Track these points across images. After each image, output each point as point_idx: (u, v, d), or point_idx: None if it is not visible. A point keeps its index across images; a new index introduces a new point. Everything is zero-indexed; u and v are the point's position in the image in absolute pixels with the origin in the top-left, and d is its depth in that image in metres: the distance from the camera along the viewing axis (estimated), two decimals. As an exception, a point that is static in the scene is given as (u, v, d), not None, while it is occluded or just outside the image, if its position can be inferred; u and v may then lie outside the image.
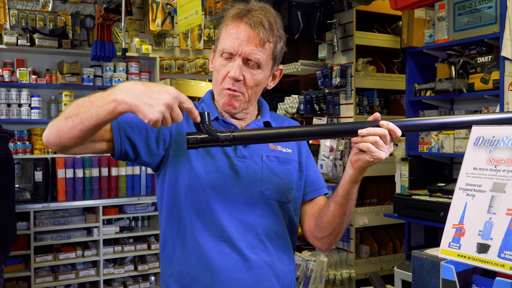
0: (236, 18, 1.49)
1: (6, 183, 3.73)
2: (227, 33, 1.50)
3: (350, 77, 4.43)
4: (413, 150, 4.08)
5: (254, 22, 1.47)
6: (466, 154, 1.30)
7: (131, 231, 5.09)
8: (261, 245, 1.53)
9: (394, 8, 3.46)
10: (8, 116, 4.74)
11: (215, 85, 1.56)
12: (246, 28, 1.47)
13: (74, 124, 1.29)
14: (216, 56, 1.55)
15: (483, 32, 3.51)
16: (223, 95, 1.53)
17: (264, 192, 1.54)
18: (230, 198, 1.50)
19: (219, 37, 1.53)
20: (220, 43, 1.52)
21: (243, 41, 1.47)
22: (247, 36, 1.47)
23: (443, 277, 1.21)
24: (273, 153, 1.60)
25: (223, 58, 1.50)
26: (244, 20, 1.48)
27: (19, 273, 4.57)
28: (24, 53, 4.93)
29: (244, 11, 1.49)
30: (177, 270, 1.52)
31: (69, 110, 1.31)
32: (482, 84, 3.48)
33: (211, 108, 1.59)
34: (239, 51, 1.47)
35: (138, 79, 5.27)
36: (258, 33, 1.47)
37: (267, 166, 1.57)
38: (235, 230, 1.49)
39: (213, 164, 1.51)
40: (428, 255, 1.26)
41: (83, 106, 1.28)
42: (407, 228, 4.01)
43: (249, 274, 1.49)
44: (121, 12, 4.39)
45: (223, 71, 1.50)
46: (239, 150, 1.55)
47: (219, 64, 1.51)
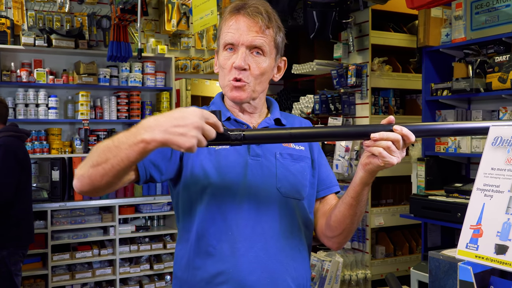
0: (233, 11, 1.51)
1: (23, 183, 3.77)
2: (227, 26, 1.52)
3: (365, 77, 4.40)
4: (429, 150, 4.05)
5: (252, 11, 1.49)
6: (484, 154, 1.29)
7: (147, 230, 5.11)
8: (277, 244, 1.52)
9: (410, 7, 3.44)
10: (25, 116, 4.79)
11: (222, 81, 1.56)
12: (245, 19, 1.49)
13: (105, 171, 1.27)
14: (220, 53, 1.56)
15: (501, 31, 3.47)
16: (230, 87, 1.53)
17: (279, 189, 1.54)
18: (245, 198, 1.50)
19: (220, 34, 1.55)
20: (221, 38, 1.53)
21: (243, 30, 1.49)
22: (247, 25, 1.49)
23: (461, 278, 1.20)
24: (286, 151, 1.60)
25: (227, 52, 1.52)
26: (241, 12, 1.50)
27: (36, 271, 4.62)
28: (42, 53, 4.98)
29: (240, 4, 1.51)
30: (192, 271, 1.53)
31: (95, 158, 1.28)
32: (500, 83, 3.45)
33: (221, 109, 1.59)
34: (241, 41, 1.49)
35: (154, 79, 5.30)
36: (257, 21, 1.49)
37: (281, 163, 1.56)
38: (251, 231, 1.49)
39: (227, 165, 1.50)
40: (445, 256, 1.25)
41: (110, 151, 1.25)
42: (424, 228, 3.98)
43: (264, 275, 1.48)
44: (137, 13, 4.41)
45: (228, 64, 1.51)
46: (252, 149, 1.54)
47: (224, 58, 1.52)
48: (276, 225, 1.52)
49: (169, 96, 5.36)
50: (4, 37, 4.68)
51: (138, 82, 5.21)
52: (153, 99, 5.51)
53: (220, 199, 1.49)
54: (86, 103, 4.95)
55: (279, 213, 1.53)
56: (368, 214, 4.48)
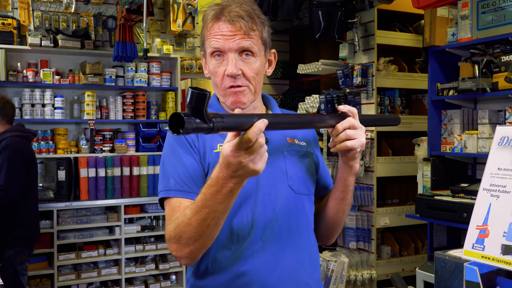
0: (214, 19, 1.49)
1: (30, 182, 3.79)
2: (211, 33, 1.49)
3: (371, 77, 4.40)
4: (435, 150, 4.04)
5: (232, 17, 1.47)
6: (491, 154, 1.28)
7: (152, 230, 5.12)
8: (294, 242, 1.53)
9: (416, 7, 3.43)
10: (32, 116, 4.81)
11: (216, 88, 1.55)
12: (227, 25, 1.47)
13: (214, 233, 1.35)
14: (208, 61, 1.54)
15: (508, 31, 3.45)
16: (228, 94, 1.52)
17: (291, 187, 1.55)
18: (259, 198, 1.50)
19: (204, 41, 1.53)
20: (207, 45, 1.52)
21: (228, 36, 1.47)
22: (230, 31, 1.47)
23: (467, 279, 1.19)
24: (292, 148, 1.61)
25: (215, 59, 1.50)
26: (222, 18, 1.48)
27: (42, 271, 4.63)
28: (48, 54, 5.00)
29: (219, 10, 1.49)
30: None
31: (195, 231, 1.33)
32: (506, 83, 3.43)
33: (220, 111, 1.55)
34: (227, 47, 1.47)
35: (159, 79, 5.31)
36: (240, 26, 1.47)
37: (290, 161, 1.58)
38: (269, 233, 1.49)
39: None
40: (451, 256, 1.25)
41: (209, 217, 1.30)
42: (429, 229, 3.97)
43: (284, 274, 1.49)
44: (142, 13, 4.42)
45: (220, 71, 1.50)
46: None
47: (214, 66, 1.51)
48: (292, 222, 1.53)
49: (174, 96, 5.37)
50: (10, 37, 4.70)
51: (143, 82, 5.22)
52: (159, 99, 5.52)
53: (237, 204, 1.47)
54: (92, 103, 4.96)
55: (293, 211, 1.54)
56: (374, 214, 4.47)
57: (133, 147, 5.18)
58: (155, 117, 5.30)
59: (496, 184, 1.24)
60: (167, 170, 1.50)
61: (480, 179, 1.28)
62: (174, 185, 1.46)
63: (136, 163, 5.07)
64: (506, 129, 1.27)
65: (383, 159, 4.56)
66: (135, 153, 5.15)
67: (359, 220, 4.55)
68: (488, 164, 1.28)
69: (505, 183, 1.22)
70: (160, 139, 5.23)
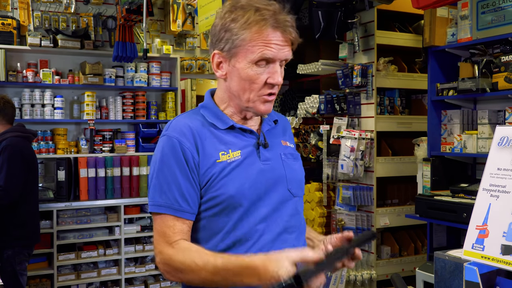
0: (267, 25, 1.45)
1: (30, 183, 3.79)
2: (261, 41, 1.45)
3: (371, 77, 4.40)
4: (435, 150, 4.04)
5: (285, 26, 1.47)
6: (490, 155, 1.28)
7: (152, 230, 5.12)
8: (294, 243, 1.56)
9: (416, 7, 3.43)
10: (31, 116, 4.81)
11: (245, 94, 1.50)
12: (279, 34, 1.46)
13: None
14: (244, 65, 1.48)
15: (507, 31, 3.45)
16: (261, 101, 1.51)
17: (290, 190, 1.58)
18: (264, 203, 1.52)
19: (246, 45, 1.46)
20: (253, 51, 1.45)
21: (281, 46, 1.47)
22: (282, 41, 1.47)
23: (467, 279, 1.19)
24: (287, 151, 1.64)
25: (258, 66, 1.47)
26: (274, 26, 1.46)
27: (42, 271, 4.63)
28: (47, 54, 4.99)
29: (270, 15, 1.45)
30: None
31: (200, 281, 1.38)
32: (506, 83, 3.43)
33: (221, 117, 1.56)
34: (278, 56, 1.47)
35: (159, 79, 5.30)
36: (290, 35, 1.48)
37: (287, 164, 1.60)
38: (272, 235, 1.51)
39: (247, 176, 1.50)
40: (451, 257, 1.25)
41: (220, 282, 1.36)
42: (429, 229, 3.97)
43: None
44: (142, 13, 4.42)
45: (261, 79, 1.48)
46: (262, 153, 1.56)
47: (255, 73, 1.47)
48: (293, 225, 1.57)
49: (174, 96, 5.37)
50: (10, 37, 4.70)
51: (143, 82, 5.22)
52: (159, 99, 5.52)
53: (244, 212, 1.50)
54: (91, 103, 4.96)
55: (291, 213, 1.57)
56: (374, 214, 4.47)
57: (133, 147, 5.18)
58: (155, 117, 5.30)
59: (495, 184, 1.24)
60: (159, 183, 1.48)
61: (480, 179, 1.28)
62: (165, 201, 1.46)
63: (136, 163, 5.07)
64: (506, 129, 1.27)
65: (383, 159, 4.56)
66: (135, 153, 5.15)
67: (359, 220, 4.55)
68: (488, 164, 1.28)
69: (505, 183, 1.22)
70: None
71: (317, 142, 4.85)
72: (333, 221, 4.68)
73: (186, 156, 1.47)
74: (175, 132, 1.49)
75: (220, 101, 1.59)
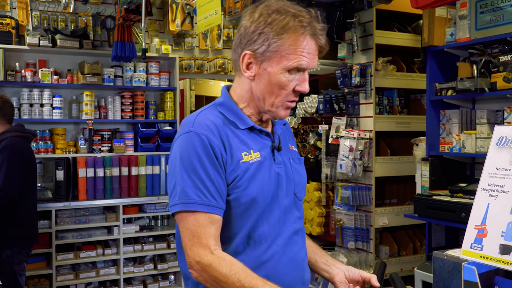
0: (306, 33, 1.46)
1: (29, 182, 3.78)
2: (299, 49, 1.45)
3: (370, 77, 4.40)
4: (434, 150, 4.04)
5: (320, 35, 1.49)
6: (489, 154, 1.28)
7: (151, 230, 5.12)
8: (300, 244, 1.61)
9: (415, 7, 3.43)
10: (30, 116, 4.80)
11: (270, 97, 1.51)
12: (313, 43, 1.49)
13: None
14: (275, 68, 1.47)
15: (506, 31, 3.46)
16: (283, 107, 1.53)
17: (296, 194, 1.62)
18: (277, 206, 1.54)
19: (279, 50, 1.45)
20: (288, 58, 1.45)
21: (314, 56, 1.49)
22: (315, 50, 1.50)
23: (465, 278, 1.19)
24: (293, 155, 1.66)
25: (290, 74, 1.47)
26: (311, 33, 1.47)
27: (40, 271, 4.63)
28: (46, 53, 4.99)
29: (307, 22, 1.46)
30: None
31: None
32: (505, 83, 3.44)
33: (241, 117, 1.55)
34: (310, 66, 1.49)
35: (158, 78, 5.30)
36: (321, 46, 1.51)
37: (295, 168, 1.63)
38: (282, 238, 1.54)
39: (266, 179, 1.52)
40: (450, 256, 1.25)
41: None
42: (428, 228, 3.97)
43: (297, 275, 1.58)
44: (141, 13, 4.42)
45: (291, 85, 1.49)
46: (276, 156, 1.58)
47: (287, 80, 1.47)
48: (297, 226, 1.61)
49: (173, 96, 5.37)
50: (9, 37, 4.70)
51: (142, 82, 5.22)
52: (157, 99, 5.52)
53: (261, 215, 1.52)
54: (90, 103, 4.96)
55: (296, 217, 1.61)
56: (372, 214, 4.48)
57: (132, 147, 5.18)
58: (154, 117, 5.30)
59: (494, 184, 1.24)
60: (190, 180, 1.44)
61: (479, 179, 1.28)
62: (201, 199, 1.42)
63: (135, 163, 5.07)
64: (505, 129, 1.28)
65: (381, 159, 4.56)
66: (134, 153, 5.15)
67: (357, 220, 4.55)
68: (487, 164, 1.28)
69: (503, 183, 1.22)
70: (158, 139, 5.22)
71: (316, 142, 4.85)
72: (332, 220, 4.68)
73: (216, 153, 1.45)
74: (202, 129, 1.46)
75: (239, 99, 1.57)
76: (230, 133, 1.50)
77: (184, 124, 1.51)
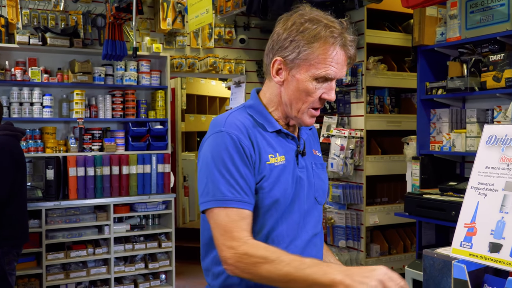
0: (336, 44, 1.48)
1: (19, 182, 3.76)
2: (328, 59, 1.48)
3: (361, 76, 4.41)
4: (424, 149, 4.06)
5: (350, 46, 1.51)
6: (479, 153, 1.29)
7: (141, 229, 5.11)
8: (319, 246, 1.65)
9: (406, 6, 3.44)
10: (20, 115, 4.77)
11: (297, 104, 1.54)
12: (343, 54, 1.50)
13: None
14: (303, 75, 1.51)
15: (496, 30, 3.48)
16: (309, 114, 1.56)
17: (317, 198, 1.64)
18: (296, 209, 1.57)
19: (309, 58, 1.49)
20: (317, 67, 1.48)
21: (342, 66, 1.51)
22: (344, 60, 1.52)
23: (455, 276, 1.20)
24: (317, 160, 1.70)
25: (317, 82, 1.51)
26: (341, 44, 1.49)
27: (31, 270, 4.60)
28: (36, 52, 4.96)
29: (338, 33, 1.49)
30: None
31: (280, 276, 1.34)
32: (495, 82, 3.46)
33: (269, 120, 1.59)
34: (338, 76, 1.52)
35: (149, 77, 5.29)
36: (350, 55, 1.53)
37: (316, 173, 1.66)
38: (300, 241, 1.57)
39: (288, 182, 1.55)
40: (440, 254, 1.26)
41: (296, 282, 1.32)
42: (418, 227, 3.99)
43: None
44: (132, 11, 4.40)
45: (317, 93, 1.52)
46: (300, 160, 1.61)
47: (315, 88, 1.51)
48: (316, 230, 1.64)
49: (164, 95, 5.35)
50: (-2, 35, 4.66)
51: (133, 81, 5.20)
52: (148, 98, 5.50)
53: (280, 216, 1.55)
54: (81, 101, 4.93)
55: (316, 221, 1.64)
56: (363, 212, 4.49)
57: (123, 146, 5.16)
58: (145, 116, 5.28)
59: (484, 182, 1.25)
60: (222, 177, 1.46)
61: (468, 178, 1.29)
62: (234, 195, 1.45)
63: (126, 162, 5.05)
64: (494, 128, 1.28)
65: (372, 158, 4.58)
66: (125, 152, 5.13)
67: (348, 219, 4.57)
68: (476, 163, 1.29)
69: (493, 182, 1.23)
70: (149, 138, 5.20)
71: (307, 140, 4.86)
72: (323, 219, 4.69)
73: (246, 153, 1.48)
74: (233, 129, 1.50)
75: (268, 103, 1.61)
76: (259, 135, 1.54)
77: (214, 125, 1.55)
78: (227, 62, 5.70)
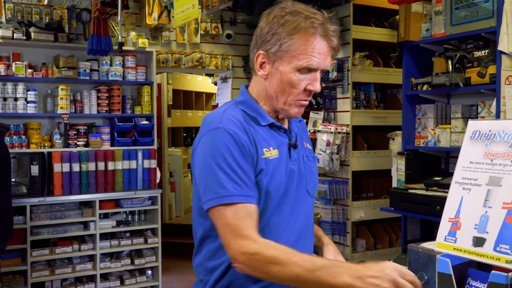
0: (316, 35, 1.49)
1: (3, 178, 3.72)
2: (309, 50, 1.49)
3: (347, 71, 4.42)
4: (409, 144, 4.09)
5: (332, 36, 1.51)
6: (463, 148, 1.30)
7: (127, 225, 5.08)
8: (311, 238, 1.67)
9: (391, 2, 3.46)
10: (4, 110, 4.72)
11: (283, 96, 1.55)
12: (325, 44, 1.51)
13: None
14: (289, 70, 1.52)
15: (480, 26, 3.50)
16: (297, 105, 1.56)
17: (308, 191, 1.65)
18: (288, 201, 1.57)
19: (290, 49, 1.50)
20: (299, 58, 1.49)
21: (325, 56, 1.52)
22: (327, 51, 1.52)
23: (439, 270, 1.21)
24: (308, 153, 1.70)
25: (301, 73, 1.51)
26: (322, 34, 1.50)
27: (15, 267, 4.56)
28: (20, 46, 4.90)
29: (319, 23, 1.49)
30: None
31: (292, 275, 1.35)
32: (479, 78, 3.49)
33: (262, 115, 1.59)
34: (321, 66, 1.52)
35: (135, 72, 5.25)
36: (333, 47, 1.54)
37: (307, 166, 1.66)
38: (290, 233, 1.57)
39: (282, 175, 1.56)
40: (424, 249, 1.27)
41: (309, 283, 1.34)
42: (403, 222, 4.02)
43: None
44: (117, 6, 4.37)
45: (302, 85, 1.53)
46: (292, 153, 1.61)
47: (298, 79, 1.51)
48: (307, 224, 1.65)
49: (150, 90, 5.32)
50: (-19, 29, 4.60)
51: (118, 76, 5.17)
52: (134, 93, 5.47)
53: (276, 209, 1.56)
54: (65, 97, 4.89)
55: (307, 213, 1.65)
56: (349, 207, 4.51)
57: (108, 141, 5.12)
58: (131, 111, 5.25)
59: (468, 177, 1.26)
60: (224, 173, 1.45)
61: (453, 173, 1.30)
62: (239, 191, 1.44)
63: (111, 158, 5.02)
64: (478, 123, 1.29)
65: (358, 153, 4.60)
66: (110, 147, 5.10)
67: (334, 214, 4.59)
68: (460, 158, 1.30)
69: (477, 176, 1.24)
70: (135, 133, 5.18)
71: (294, 136, 4.87)
72: (309, 214, 4.70)
73: (245, 148, 1.49)
74: (230, 125, 1.50)
75: (257, 97, 1.62)
76: (253, 130, 1.54)
77: (209, 122, 1.54)
78: (214, 57, 5.68)
